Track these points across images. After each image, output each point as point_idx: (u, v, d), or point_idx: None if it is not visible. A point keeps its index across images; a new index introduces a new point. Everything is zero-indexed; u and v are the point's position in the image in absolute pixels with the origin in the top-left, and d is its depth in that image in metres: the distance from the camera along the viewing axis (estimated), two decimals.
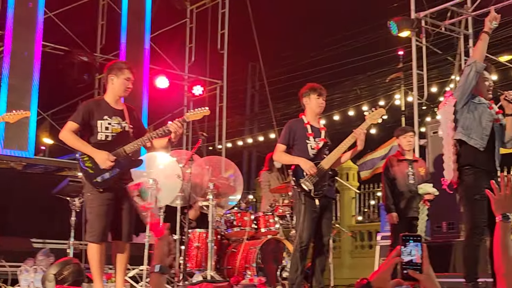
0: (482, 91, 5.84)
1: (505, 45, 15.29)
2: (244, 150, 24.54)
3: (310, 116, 6.37)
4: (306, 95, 6.40)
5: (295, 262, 6.14)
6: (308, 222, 6.09)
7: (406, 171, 7.37)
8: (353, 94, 19.64)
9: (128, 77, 5.82)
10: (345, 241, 14.56)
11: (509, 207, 2.89)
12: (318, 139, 6.28)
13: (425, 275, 2.36)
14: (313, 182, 6.10)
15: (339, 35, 21.23)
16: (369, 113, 6.27)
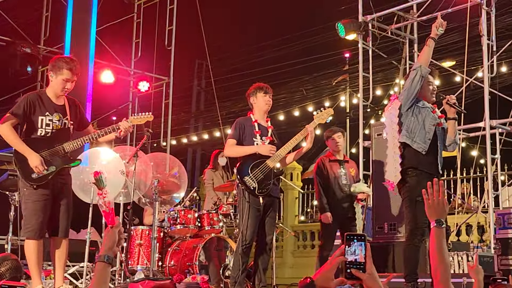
0: (426, 95, 5.94)
1: (448, 51, 15.62)
2: (188, 147, 24.42)
3: (258, 114, 6.45)
4: (253, 94, 6.47)
5: (238, 260, 6.14)
6: (252, 220, 6.11)
7: (338, 171, 7.44)
8: (298, 95, 19.73)
9: (67, 78, 5.70)
10: (288, 241, 14.63)
11: (442, 213, 2.95)
12: (265, 137, 6.34)
13: (368, 274, 2.37)
14: (257, 180, 6.12)
15: (286, 36, 21.35)
16: (318, 113, 6.39)
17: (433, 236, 2.93)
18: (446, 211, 2.98)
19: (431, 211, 2.98)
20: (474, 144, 11.19)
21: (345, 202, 7.41)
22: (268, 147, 6.16)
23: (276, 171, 6.32)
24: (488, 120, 8.79)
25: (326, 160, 7.48)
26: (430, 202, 2.98)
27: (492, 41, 9.28)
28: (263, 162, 6.21)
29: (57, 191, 5.73)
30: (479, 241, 11.10)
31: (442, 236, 2.93)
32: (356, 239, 2.39)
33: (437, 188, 2.96)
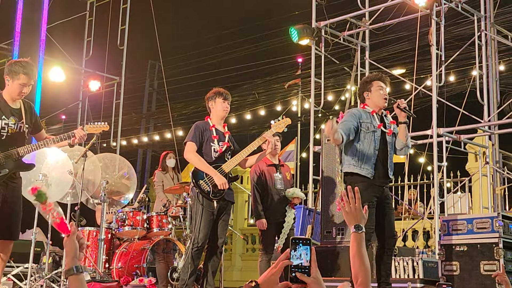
0: (376, 100, 5.97)
1: (398, 59, 15.89)
2: (139, 148, 24.21)
3: (215, 119, 6.49)
4: (212, 99, 6.50)
5: (189, 262, 6.14)
6: (205, 223, 6.14)
7: (274, 176, 7.46)
8: (251, 98, 19.77)
9: (24, 83, 5.61)
10: (237, 244, 14.63)
11: (360, 219, 3.02)
12: (222, 142, 6.38)
13: (313, 278, 2.39)
14: (212, 184, 6.15)
15: (240, 39, 21.39)
16: (275, 122, 6.52)
17: (353, 241, 2.98)
18: (365, 217, 3.05)
19: (349, 217, 3.04)
20: (422, 151, 11.40)
21: (282, 207, 7.45)
22: (223, 181, 6.16)
23: (231, 176, 6.36)
24: (436, 128, 8.96)
25: (263, 164, 7.47)
26: (347, 209, 3.04)
27: (441, 50, 9.47)
28: (219, 167, 6.25)
29: (8, 194, 5.61)
30: (424, 246, 11.30)
31: (362, 241, 2.98)
32: (301, 243, 2.41)
33: (352, 195, 3.04)
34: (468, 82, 12.30)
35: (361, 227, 2.99)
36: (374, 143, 5.86)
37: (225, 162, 6.31)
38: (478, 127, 9.89)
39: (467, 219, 7.02)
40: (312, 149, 10.60)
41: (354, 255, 2.98)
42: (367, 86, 6.01)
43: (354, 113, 5.89)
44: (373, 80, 6.01)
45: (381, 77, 6.05)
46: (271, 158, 7.51)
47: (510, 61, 13.91)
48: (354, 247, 2.98)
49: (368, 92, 5.98)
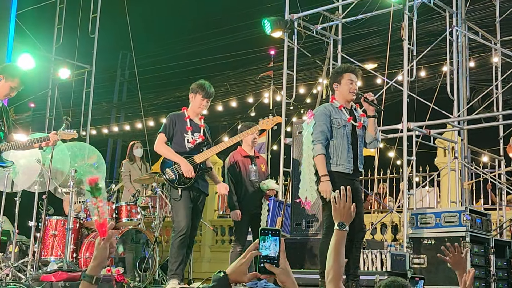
0: (345, 94, 5.94)
1: (370, 54, 15.96)
2: (109, 138, 24.04)
3: (192, 111, 6.48)
4: (193, 92, 6.49)
5: (176, 252, 6.14)
6: (186, 211, 6.14)
7: (249, 167, 7.43)
8: (222, 90, 19.72)
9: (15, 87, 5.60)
10: (206, 235, 14.60)
11: (346, 217, 3.06)
12: (198, 134, 6.37)
13: (281, 269, 2.39)
14: (179, 173, 6.14)
15: (212, 30, 21.30)
16: (264, 119, 6.58)
17: (334, 238, 3.05)
18: (352, 216, 3.09)
19: (336, 214, 3.09)
20: (392, 146, 11.48)
21: (256, 198, 7.42)
22: (188, 168, 6.14)
23: (202, 167, 6.34)
24: (406, 122, 9.01)
25: (238, 155, 7.45)
26: (337, 206, 3.09)
27: (413, 46, 9.53)
28: (190, 157, 6.24)
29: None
30: (392, 239, 11.40)
31: (342, 239, 3.05)
32: (271, 234, 2.41)
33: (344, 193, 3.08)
34: (438, 78, 12.42)
35: (344, 225, 3.05)
36: (346, 137, 5.84)
37: (199, 152, 6.32)
38: (448, 122, 9.98)
39: (435, 213, 7.09)
40: (283, 142, 10.60)
41: (331, 251, 3.03)
42: (337, 77, 5.96)
43: (325, 113, 5.84)
44: (344, 72, 5.95)
45: (353, 70, 5.99)
46: (247, 150, 7.47)
47: (480, 58, 14.06)
48: (333, 244, 3.04)
49: (337, 84, 5.94)
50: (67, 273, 5.81)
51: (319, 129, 5.75)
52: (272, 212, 8.60)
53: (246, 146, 7.41)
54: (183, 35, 22.35)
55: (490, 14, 11.90)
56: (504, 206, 10.77)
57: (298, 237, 7.73)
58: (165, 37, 22.76)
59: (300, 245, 7.52)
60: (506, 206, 10.78)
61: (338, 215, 3.10)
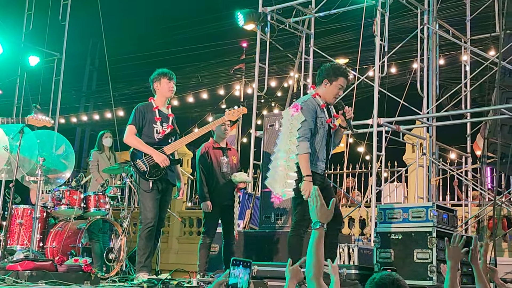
0: (329, 96, 5.83)
1: (342, 49, 16.03)
2: (77, 127, 23.81)
3: (159, 100, 6.46)
4: (156, 80, 6.45)
5: (144, 244, 6.13)
6: (154, 203, 6.12)
7: (221, 159, 7.37)
8: (194, 81, 19.65)
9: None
10: (174, 226, 14.57)
11: (325, 217, 3.10)
12: (166, 124, 6.35)
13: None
14: (150, 164, 6.11)
15: (185, 21, 21.17)
16: (230, 110, 6.53)
17: (313, 237, 3.12)
18: (329, 215, 3.13)
19: (314, 213, 3.17)
20: (362, 141, 11.56)
21: (227, 190, 7.35)
22: (162, 158, 6.13)
23: (172, 159, 6.32)
24: (376, 118, 9.08)
25: (210, 147, 7.39)
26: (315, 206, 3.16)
27: (385, 42, 9.60)
28: (160, 148, 6.21)
29: None
30: (360, 234, 11.49)
31: (320, 237, 3.12)
32: (242, 265, 2.45)
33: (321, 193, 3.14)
34: (409, 74, 12.52)
35: (322, 224, 3.13)
36: (324, 137, 5.79)
37: (168, 143, 6.29)
38: (417, 119, 10.07)
39: (402, 208, 7.15)
40: (253, 134, 10.61)
41: (311, 250, 3.11)
42: (332, 76, 5.81)
43: (312, 109, 5.71)
44: (341, 76, 5.82)
45: (348, 76, 5.89)
46: (219, 141, 7.40)
47: (450, 56, 14.22)
48: (312, 242, 3.11)
49: (328, 82, 5.81)
50: (33, 262, 5.74)
51: (307, 126, 5.63)
52: (242, 205, 8.62)
53: (218, 138, 7.36)
54: (155, 25, 22.20)
55: (461, 13, 12.03)
56: (470, 202, 10.93)
57: (266, 229, 7.75)
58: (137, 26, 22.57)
59: (269, 238, 7.54)
60: (471, 203, 10.93)
61: (316, 215, 3.16)
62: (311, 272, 3.08)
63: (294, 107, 5.70)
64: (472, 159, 11.15)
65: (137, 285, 5.71)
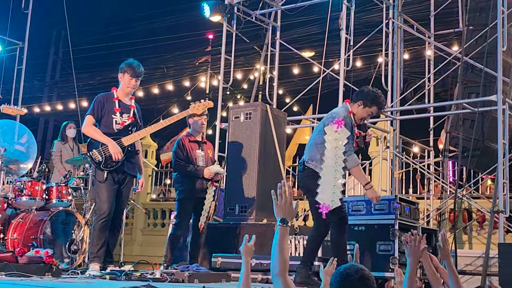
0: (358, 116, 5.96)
1: (308, 42, 16.07)
2: (41, 117, 23.49)
3: (122, 91, 6.36)
4: (122, 71, 6.39)
5: (96, 235, 6.07)
6: (109, 194, 6.07)
7: (196, 152, 7.29)
8: (159, 72, 19.52)
9: None
10: (138, 218, 14.49)
11: (288, 214, 3.13)
12: (127, 115, 6.27)
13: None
14: (106, 154, 6.04)
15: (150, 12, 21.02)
16: (196, 103, 6.49)
17: (278, 233, 3.14)
18: (293, 212, 3.15)
19: (278, 210, 3.18)
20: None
21: (202, 184, 7.29)
22: (116, 150, 6.07)
23: (130, 150, 6.25)
24: None
25: (186, 140, 7.30)
26: (279, 202, 3.13)
27: (350, 35, 9.65)
28: (118, 139, 6.14)
29: None
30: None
31: (285, 234, 3.15)
32: None
33: (285, 189, 3.14)
34: (374, 68, 12.62)
35: (287, 221, 3.15)
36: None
37: (127, 134, 6.22)
38: (381, 112, 10.15)
39: (366, 201, 7.23)
40: (218, 126, 10.59)
41: (276, 246, 3.13)
42: (368, 101, 5.94)
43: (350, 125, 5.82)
44: (375, 105, 5.97)
45: (382, 109, 6.22)
46: (195, 135, 7.31)
47: (414, 50, 14.36)
48: (277, 239, 3.13)
49: (362, 105, 5.93)
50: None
51: (350, 141, 5.80)
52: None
53: (194, 131, 7.26)
54: (120, 15, 21.99)
55: (425, 8, 12.16)
56: (432, 195, 11.08)
57: (231, 221, 7.75)
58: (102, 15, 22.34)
59: (233, 230, 7.54)
60: (433, 196, 11.08)
61: (280, 211, 3.18)
62: (276, 269, 3.11)
63: (336, 123, 5.75)
64: (435, 153, 11.30)
65: (100, 277, 5.66)
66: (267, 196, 7.90)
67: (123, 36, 20.98)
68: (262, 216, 7.78)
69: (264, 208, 7.75)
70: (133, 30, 21.02)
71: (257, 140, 7.98)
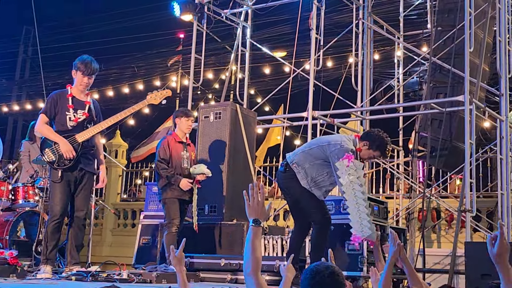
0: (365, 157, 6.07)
1: (280, 42, 16.08)
2: (9, 117, 23.20)
3: (75, 88, 6.25)
4: (75, 68, 6.29)
5: (49, 236, 5.99)
6: (61, 195, 5.97)
7: (181, 153, 7.18)
8: (129, 71, 19.38)
9: None
10: (108, 219, 14.36)
11: (261, 214, 3.15)
12: (82, 112, 6.17)
13: None
14: (59, 153, 5.95)
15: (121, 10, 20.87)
16: (153, 93, 6.42)
17: (250, 233, 3.17)
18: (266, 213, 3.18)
19: (250, 210, 3.21)
20: (297, 133, 11.63)
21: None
22: (67, 148, 5.99)
23: (84, 145, 6.15)
24: (311, 110, 9.16)
25: (172, 141, 7.13)
26: (251, 203, 3.15)
27: (320, 35, 9.68)
28: (72, 136, 6.05)
29: None
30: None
31: (258, 234, 3.18)
32: None
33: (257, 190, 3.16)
34: (344, 69, 12.67)
35: (259, 222, 3.18)
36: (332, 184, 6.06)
37: (82, 131, 6.13)
38: (351, 112, 10.21)
39: (335, 200, 7.27)
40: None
41: (249, 246, 3.16)
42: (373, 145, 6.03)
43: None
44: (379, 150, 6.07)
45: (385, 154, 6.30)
46: (181, 136, 7.20)
47: (384, 51, 14.46)
48: (249, 239, 3.16)
49: (366, 146, 6.01)
50: None
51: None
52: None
53: (180, 132, 7.15)
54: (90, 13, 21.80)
55: (395, 9, 12.25)
56: (401, 195, 11.16)
57: (200, 222, 7.70)
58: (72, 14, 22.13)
59: (203, 230, 7.50)
60: (402, 195, 11.16)
61: (252, 212, 3.20)
62: (249, 268, 3.14)
63: (347, 158, 5.79)
64: (405, 153, 11.38)
65: (65, 277, 5.59)
66: (236, 195, 7.91)
67: (94, 34, 20.82)
68: (232, 216, 7.76)
69: (234, 207, 7.74)
70: (104, 29, 20.85)
71: (226, 140, 7.97)
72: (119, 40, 20.30)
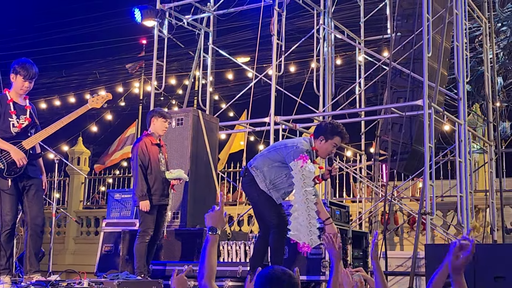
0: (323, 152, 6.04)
1: (242, 47, 16.14)
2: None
3: (14, 93, 6.11)
4: (15, 72, 6.15)
5: (4, 246, 5.91)
6: (11, 205, 5.90)
7: (159, 156, 7.08)
8: (91, 78, 19.23)
9: None
10: (70, 227, 14.21)
11: (218, 223, 3.23)
12: (24, 117, 6.07)
13: None
14: (8, 161, 5.85)
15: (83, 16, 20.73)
16: (94, 97, 6.35)
17: (207, 241, 3.21)
18: (223, 222, 3.22)
19: (208, 219, 3.25)
20: (260, 138, 11.67)
21: (164, 189, 7.08)
22: (20, 156, 5.90)
23: (32, 153, 6.06)
24: (273, 116, 9.20)
25: (148, 143, 6.98)
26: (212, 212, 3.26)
27: (282, 41, 9.73)
28: (19, 143, 5.95)
29: None
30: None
31: (214, 242, 3.22)
32: None
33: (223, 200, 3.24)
34: (306, 74, 12.74)
35: (215, 230, 3.22)
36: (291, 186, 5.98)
37: (27, 138, 6.03)
38: (313, 117, 10.28)
39: None
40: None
41: (205, 253, 3.19)
42: (328, 134, 5.96)
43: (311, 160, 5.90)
44: (336, 135, 5.98)
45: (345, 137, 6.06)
46: (156, 138, 7.09)
47: (346, 56, 14.59)
48: (206, 247, 3.20)
49: (324, 140, 5.96)
50: None
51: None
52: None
53: (155, 133, 7.03)
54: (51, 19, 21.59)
55: (356, 15, 12.37)
56: (364, 198, 11.27)
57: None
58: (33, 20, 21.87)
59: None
60: (365, 199, 11.27)
61: (210, 220, 3.24)
62: (203, 275, 3.17)
63: (301, 159, 5.75)
64: (367, 157, 11.49)
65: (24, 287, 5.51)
66: (199, 201, 7.92)
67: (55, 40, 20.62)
68: (194, 222, 7.75)
69: (197, 214, 7.73)
70: (65, 35, 20.67)
71: (188, 146, 7.97)
72: (80, 46, 20.16)
